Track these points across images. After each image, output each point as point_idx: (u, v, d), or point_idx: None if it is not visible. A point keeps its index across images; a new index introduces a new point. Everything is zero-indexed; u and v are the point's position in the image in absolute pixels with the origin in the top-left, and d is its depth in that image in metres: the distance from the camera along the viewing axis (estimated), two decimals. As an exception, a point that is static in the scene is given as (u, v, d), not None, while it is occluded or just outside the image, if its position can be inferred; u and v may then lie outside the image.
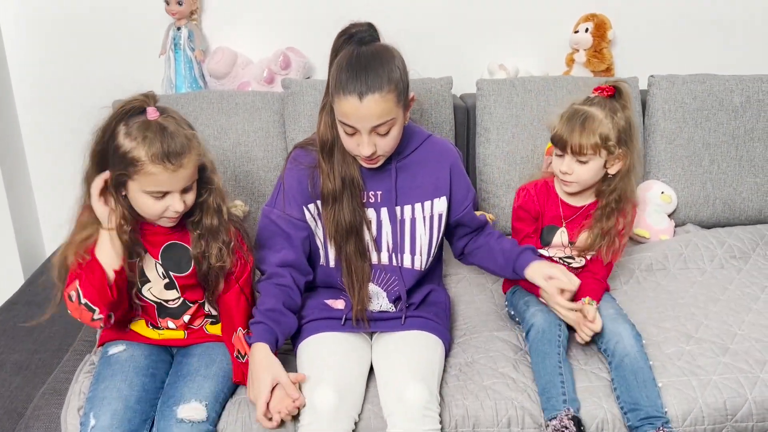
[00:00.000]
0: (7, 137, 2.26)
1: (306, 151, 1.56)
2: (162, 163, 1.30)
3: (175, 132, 1.33)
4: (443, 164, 1.56)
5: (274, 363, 1.39)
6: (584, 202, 1.65)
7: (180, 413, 1.33)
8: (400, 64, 1.41)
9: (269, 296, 1.49)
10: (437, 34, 2.33)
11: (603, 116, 1.52)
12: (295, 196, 1.53)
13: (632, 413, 1.40)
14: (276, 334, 1.45)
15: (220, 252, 1.43)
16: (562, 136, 1.55)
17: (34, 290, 2.02)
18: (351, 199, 1.49)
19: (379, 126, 1.38)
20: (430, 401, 1.37)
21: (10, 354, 1.70)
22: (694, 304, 1.75)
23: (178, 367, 1.46)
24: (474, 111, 2.15)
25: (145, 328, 1.51)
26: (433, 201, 1.55)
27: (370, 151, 1.41)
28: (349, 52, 1.39)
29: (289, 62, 2.20)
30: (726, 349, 1.56)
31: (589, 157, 1.54)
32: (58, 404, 1.43)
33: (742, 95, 2.13)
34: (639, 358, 1.45)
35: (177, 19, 2.17)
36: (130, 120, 1.33)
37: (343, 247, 1.52)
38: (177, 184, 1.34)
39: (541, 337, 1.50)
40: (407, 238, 1.55)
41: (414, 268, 1.57)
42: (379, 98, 1.35)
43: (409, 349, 1.49)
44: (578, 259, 1.67)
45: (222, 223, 1.44)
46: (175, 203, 1.36)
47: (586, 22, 2.31)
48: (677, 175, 2.14)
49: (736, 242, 2.02)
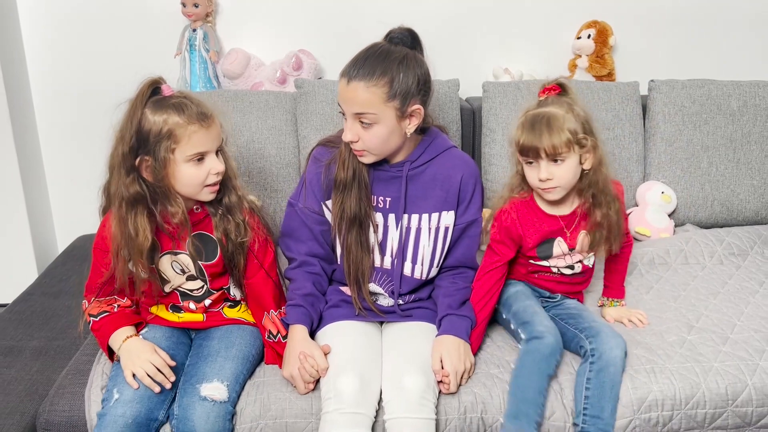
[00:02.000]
0: (25, 135, 2.31)
1: (327, 148, 1.60)
2: (198, 121, 1.38)
3: (195, 100, 1.41)
4: (456, 177, 1.56)
5: (311, 344, 1.47)
6: (572, 207, 1.59)
7: (203, 391, 1.36)
8: (411, 73, 1.43)
9: (305, 281, 1.57)
10: (445, 40, 2.39)
11: (564, 112, 1.47)
12: (315, 191, 1.58)
13: (592, 419, 1.42)
14: (312, 317, 1.53)
15: (238, 227, 1.49)
16: (530, 143, 1.47)
17: (50, 282, 2.06)
18: (359, 191, 1.53)
19: (362, 115, 1.42)
20: (426, 391, 1.40)
21: (29, 341, 1.74)
22: (695, 297, 1.80)
23: (199, 349, 1.50)
24: (480, 112, 2.20)
25: (165, 311, 1.55)
26: (441, 213, 1.57)
27: (350, 137, 1.45)
28: (370, 44, 1.45)
29: (301, 63, 2.26)
30: (726, 339, 1.61)
31: (564, 156, 1.47)
32: (81, 384, 1.46)
33: (739, 100, 2.19)
34: (620, 372, 1.47)
35: (193, 21, 2.24)
36: (149, 102, 1.39)
37: (345, 236, 1.55)
38: (212, 143, 1.41)
39: (548, 353, 1.46)
40: (410, 247, 1.58)
41: (414, 276, 1.60)
42: (363, 87, 1.40)
43: (410, 339, 1.53)
44: (577, 265, 1.63)
45: (239, 198, 1.50)
46: (215, 164, 1.42)
47: (589, 28, 2.38)
48: (676, 177, 2.19)
49: (734, 240, 2.07)
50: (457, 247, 1.61)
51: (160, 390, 1.38)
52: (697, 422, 1.48)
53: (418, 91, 1.45)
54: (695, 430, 1.49)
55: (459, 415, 1.45)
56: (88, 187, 2.37)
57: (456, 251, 1.61)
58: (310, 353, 1.43)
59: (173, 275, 1.50)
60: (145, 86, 1.39)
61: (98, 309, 1.49)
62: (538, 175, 1.50)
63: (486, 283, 1.58)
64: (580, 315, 1.58)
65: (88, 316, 1.50)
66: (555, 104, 1.50)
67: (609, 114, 2.17)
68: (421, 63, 1.47)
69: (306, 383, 1.42)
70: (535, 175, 1.51)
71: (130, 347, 1.41)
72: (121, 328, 1.46)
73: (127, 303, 1.52)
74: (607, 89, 2.20)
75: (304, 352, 1.43)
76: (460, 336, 1.49)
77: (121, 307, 1.50)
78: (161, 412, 1.38)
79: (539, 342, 1.47)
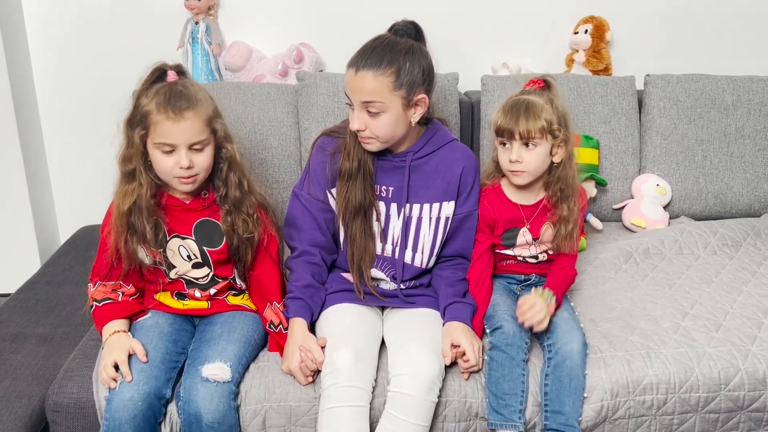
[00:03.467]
0: (29, 130, 2.33)
1: (331, 138, 1.63)
2: (165, 111, 1.38)
3: (185, 89, 1.41)
4: (457, 169, 1.60)
5: (309, 338, 1.49)
6: (537, 198, 1.64)
7: (205, 372, 1.39)
8: (417, 63, 1.47)
9: (305, 272, 1.59)
10: (444, 33, 2.41)
11: (543, 102, 1.54)
12: (319, 180, 1.61)
13: (553, 415, 1.45)
14: (311, 309, 1.55)
15: (245, 223, 1.50)
16: (507, 125, 1.54)
17: (53, 272, 2.08)
18: (364, 181, 1.57)
19: (369, 103, 1.45)
20: (438, 376, 1.44)
21: (35, 328, 1.76)
22: (689, 285, 1.83)
23: (202, 334, 1.52)
24: (479, 106, 2.23)
25: (170, 298, 1.57)
26: (442, 204, 1.61)
27: (357, 125, 1.48)
28: (376, 36, 1.49)
29: (302, 57, 2.28)
30: (719, 326, 1.65)
31: (536, 141, 1.53)
32: (88, 367, 1.49)
33: (733, 94, 2.23)
34: (580, 365, 1.48)
35: (195, 14, 2.25)
36: (153, 84, 1.43)
37: (350, 224, 1.59)
38: (181, 136, 1.39)
39: (511, 341, 1.50)
40: (411, 236, 1.62)
41: (414, 264, 1.64)
42: (371, 76, 1.44)
43: (421, 324, 1.56)
44: (542, 255, 1.67)
45: (245, 195, 1.52)
46: (181, 158, 1.40)
47: (586, 23, 2.41)
48: (671, 170, 2.23)
49: (728, 232, 2.11)
50: (456, 238, 1.65)
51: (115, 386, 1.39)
52: (690, 405, 1.52)
53: (423, 81, 1.49)
54: (689, 413, 1.53)
55: (459, 398, 1.49)
56: (91, 177, 2.43)
57: (454, 242, 1.66)
58: (308, 347, 1.46)
59: (180, 261, 1.53)
60: (152, 72, 1.43)
61: (102, 295, 1.52)
62: (509, 157, 1.56)
63: (475, 272, 1.64)
64: None
65: (92, 300, 1.52)
66: (536, 95, 1.58)
67: (605, 108, 2.20)
68: (425, 54, 1.51)
69: (306, 376, 1.46)
70: (506, 157, 1.58)
71: (112, 343, 1.44)
72: (113, 321, 1.49)
73: (131, 290, 1.54)
74: (603, 84, 2.23)
75: (303, 346, 1.46)
76: (465, 322, 1.53)
77: (125, 295, 1.53)
78: (167, 390, 1.41)
79: (500, 332, 1.52)
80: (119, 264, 1.50)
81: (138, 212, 1.44)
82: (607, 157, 2.21)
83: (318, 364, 1.45)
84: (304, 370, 1.45)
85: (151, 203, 1.46)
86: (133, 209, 1.44)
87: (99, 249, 1.53)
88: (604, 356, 1.54)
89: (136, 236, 1.46)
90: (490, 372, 1.49)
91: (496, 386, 1.47)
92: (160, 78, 1.44)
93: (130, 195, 1.44)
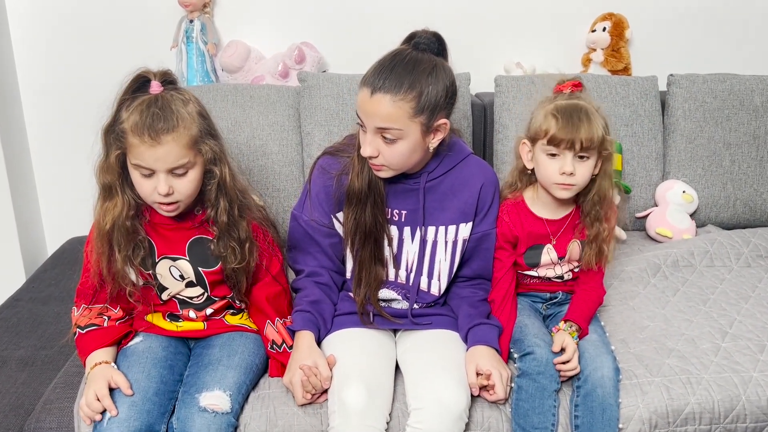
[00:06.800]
0: (13, 135, 2.21)
1: (335, 158, 1.51)
2: (140, 135, 1.24)
3: (168, 107, 1.26)
4: (475, 186, 1.48)
5: (317, 352, 1.38)
6: (566, 212, 1.53)
7: (203, 401, 1.27)
8: (440, 84, 1.33)
9: (313, 289, 1.48)
10: (454, 32, 2.27)
11: (594, 109, 1.44)
12: (323, 205, 1.49)
13: None
14: (319, 325, 1.44)
15: (234, 252, 1.37)
16: (566, 134, 1.40)
17: (38, 287, 1.97)
18: (374, 205, 1.44)
19: (385, 130, 1.32)
20: (465, 410, 1.32)
21: (15, 350, 1.64)
22: (725, 301, 1.72)
23: (199, 358, 1.40)
24: (491, 108, 2.12)
25: (162, 320, 1.45)
26: (459, 226, 1.49)
27: (369, 152, 1.35)
28: (394, 50, 1.35)
29: (304, 56, 2.17)
30: (763, 347, 1.52)
31: (591, 153, 1.42)
32: (70, 398, 1.36)
33: (762, 95, 2.13)
34: (612, 394, 1.37)
35: (190, 12, 2.15)
36: (135, 94, 1.29)
37: (358, 250, 1.47)
38: (158, 162, 1.26)
39: (543, 369, 1.38)
40: (426, 261, 1.50)
41: (431, 292, 1.52)
42: (389, 100, 1.30)
43: (441, 348, 1.43)
44: (567, 274, 1.57)
45: (234, 223, 1.38)
46: (159, 184, 1.27)
47: (604, 21, 2.30)
48: (697, 176, 2.12)
49: (761, 242, 2.00)
50: (474, 259, 1.53)
51: (98, 420, 1.26)
52: (736, 437, 1.39)
53: (446, 104, 1.36)
54: (735, 446, 1.40)
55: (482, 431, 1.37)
56: (79, 187, 2.29)
57: (473, 263, 1.54)
58: (314, 363, 1.33)
59: (172, 282, 1.41)
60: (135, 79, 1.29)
61: (87, 321, 1.39)
62: (561, 168, 1.42)
63: (499, 292, 1.52)
64: None
65: (75, 327, 1.40)
66: (585, 100, 1.45)
67: (627, 110, 2.10)
68: (449, 72, 1.37)
69: (305, 393, 1.32)
70: (556, 167, 1.43)
71: (94, 376, 1.31)
72: (98, 351, 1.35)
73: (119, 314, 1.42)
74: (624, 84, 2.12)
75: (308, 364, 1.33)
76: (493, 345, 1.41)
77: (112, 319, 1.40)
78: (161, 426, 1.28)
79: (532, 358, 1.39)
80: (105, 285, 1.37)
81: (120, 232, 1.32)
82: (629, 162, 2.10)
83: (323, 380, 1.32)
84: (306, 386, 1.32)
85: (134, 224, 1.34)
86: (115, 228, 1.31)
87: (83, 267, 1.41)
88: (641, 382, 1.42)
89: (120, 257, 1.33)
90: (517, 402, 1.36)
91: (524, 419, 1.34)
92: (144, 86, 1.29)
93: (110, 212, 1.31)
